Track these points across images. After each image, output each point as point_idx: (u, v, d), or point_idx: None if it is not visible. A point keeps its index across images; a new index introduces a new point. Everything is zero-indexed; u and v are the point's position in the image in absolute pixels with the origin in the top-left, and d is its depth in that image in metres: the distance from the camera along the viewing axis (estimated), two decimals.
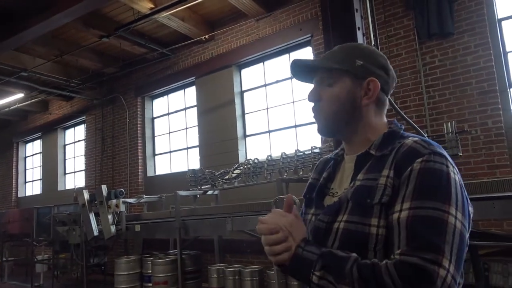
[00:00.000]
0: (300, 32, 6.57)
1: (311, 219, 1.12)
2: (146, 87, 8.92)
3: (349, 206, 1.00)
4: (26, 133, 12.54)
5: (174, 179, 7.94)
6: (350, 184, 1.04)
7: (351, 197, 1.00)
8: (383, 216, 0.94)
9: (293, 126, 6.86)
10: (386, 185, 0.95)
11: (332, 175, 1.17)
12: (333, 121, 1.10)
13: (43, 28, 6.05)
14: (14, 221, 9.55)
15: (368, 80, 1.08)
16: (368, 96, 1.08)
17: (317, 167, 1.28)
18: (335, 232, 1.00)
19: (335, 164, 1.19)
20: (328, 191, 1.14)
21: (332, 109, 1.09)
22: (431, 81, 5.31)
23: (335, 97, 1.08)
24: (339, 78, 1.08)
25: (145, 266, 5.85)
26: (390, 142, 1.04)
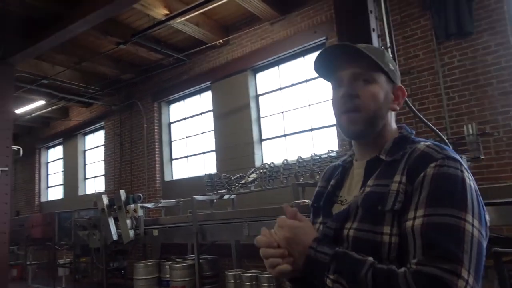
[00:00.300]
0: (314, 34, 6.52)
1: (318, 228, 1.07)
2: (163, 92, 9.02)
3: (359, 213, 0.96)
4: (48, 139, 12.85)
5: (191, 183, 7.99)
6: (360, 191, 1.01)
7: (361, 203, 0.97)
8: (396, 223, 0.90)
9: (309, 129, 6.82)
10: (398, 191, 0.92)
11: (340, 182, 1.13)
12: (372, 120, 1.03)
13: (62, 37, 6.17)
14: (37, 226, 9.79)
15: (399, 86, 1.08)
16: (398, 102, 1.08)
17: (325, 174, 1.23)
18: (346, 239, 0.96)
19: (344, 171, 1.15)
20: (336, 199, 1.10)
21: (374, 108, 1.02)
22: (450, 82, 5.18)
23: (376, 95, 1.03)
24: (379, 77, 1.04)
25: (163, 271, 5.89)
26: (401, 147, 1.01)
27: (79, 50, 7.81)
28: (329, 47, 1.06)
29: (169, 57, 8.21)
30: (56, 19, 5.93)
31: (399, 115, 4.55)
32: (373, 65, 1.02)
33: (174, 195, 7.68)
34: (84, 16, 5.61)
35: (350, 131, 1.05)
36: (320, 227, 1.07)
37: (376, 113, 1.03)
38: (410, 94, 5.36)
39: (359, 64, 1.03)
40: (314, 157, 5.01)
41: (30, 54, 6.81)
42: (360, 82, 1.03)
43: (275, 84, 7.35)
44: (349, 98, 1.03)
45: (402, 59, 5.48)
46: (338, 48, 1.06)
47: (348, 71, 1.04)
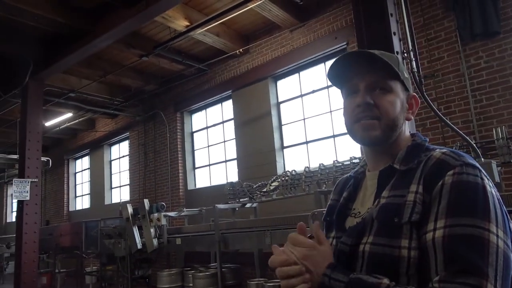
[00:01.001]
0: (335, 40, 6.47)
1: (332, 242, 1.03)
2: (185, 102, 9.14)
3: (374, 227, 0.92)
4: (75, 150, 13.24)
5: (213, 192, 8.02)
6: (374, 203, 0.96)
7: (376, 216, 0.92)
8: (414, 236, 0.86)
9: (331, 136, 6.73)
10: (415, 201, 0.87)
11: (353, 194, 1.09)
12: (391, 128, 0.99)
13: (88, 51, 6.39)
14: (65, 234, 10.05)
15: (413, 95, 1.06)
16: (413, 111, 1.05)
17: (337, 187, 1.19)
18: (361, 256, 0.91)
19: (356, 182, 1.11)
20: (349, 212, 1.06)
21: (393, 116, 0.99)
22: (477, 84, 5.01)
23: (394, 104, 0.99)
24: (395, 86, 1.01)
25: (186, 279, 5.90)
26: (415, 155, 0.97)
27: (104, 64, 8.04)
28: (345, 54, 1.02)
29: (191, 68, 8.33)
30: (82, 35, 6.14)
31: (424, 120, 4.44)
32: (390, 73, 0.99)
33: (197, 204, 7.73)
34: (107, 30, 5.80)
35: (367, 137, 1.00)
36: (333, 241, 1.03)
37: (395, 122, 0.99)
38: (435, 97, 5.22)
39: (376, 73, 0.99)
40: (337, 164, 4.93)
41: (58, 69, 7.08)
42: (377, 91, 0.99)
43: (296, 91, 7.32)
44: (367, 107, 0.98)
45: (426, 62, 5.35)
46: (354, 55, 1.02)
47: (365, 79, 1.00)
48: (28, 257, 6.54)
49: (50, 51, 6.75)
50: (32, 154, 6.88)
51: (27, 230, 6.59)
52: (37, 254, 6.90)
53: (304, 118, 7.15)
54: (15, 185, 6.58)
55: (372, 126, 0.98)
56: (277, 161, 7.19)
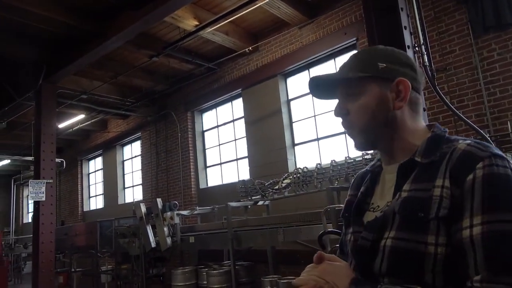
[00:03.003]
0: (344, 36, 6.44)
1: (350, 238, 1.02)
2: (195, 101, 9.19)
3: (396, 221, 0.88)
4: (88, 151, 13.42)
5: (225, 190, 8.05)
6: (395, 197, 0.93)
7: (399, 210, 0.88)
8: (442, 232, 0.82)
9: (343, 132, 6.70)
10: (442, 196, 0.83)
11: (370, 188, 1.06)
12: (368, 134, 0.99)
13: (99, 53, 6.46)
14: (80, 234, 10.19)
15: (397, 81, 0.97)
16: (400, 98, 0.97)
17: (354, 182, 1.17)
18: (382, 250, 0.88)
19: (373, 176, 1.08)
20: (367, 207, 1.04)
21: (364, 121, 0.99)
22: (490, 77, 4.94)
23: (365, 107, 0.98)
24: (365, 86, 0.99)
25: (201, 277, 5.95)
26: (436, 147, 0.93)
27: (115, 65, 8.12)
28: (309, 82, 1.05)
29: (200, 67, 8.37)
30: (92, 37, 6.21)
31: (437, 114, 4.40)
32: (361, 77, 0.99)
33: (209, 202, 7.77)
34: (117, 32, 5.85)
35: (356, 146, 1.04)
36: (351, 237, 1.01)
37: (370, 124, 0.98)
38: (448, 91, 5.16)
39: (345, 83, 1.02)
40: (348, 160, 4.91)
41: (70, 71, 7.17)
42: (350, 98, 1.01)
43: (306, 88, 7.27)
44: (341, 117, 1.03)
45: (438, 56, 5.29)
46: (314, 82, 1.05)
47: (340, 90, 1.04)
48: (45, 256, 6.66)
49: (62, 54, 6.84)
50: (47, 155, 7.00)
51: (44, 230, 6.71)
52: (54, 254, 7.03)
53: (315, 115, 7.13)
54: (31, 186, 6.71)
55: (352, 135, 1.03)
56: (288, 159, 7.19)
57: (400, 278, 0.85)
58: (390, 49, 1.04)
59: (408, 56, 1.04)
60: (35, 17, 5.83)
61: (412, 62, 1.03)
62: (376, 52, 1.04)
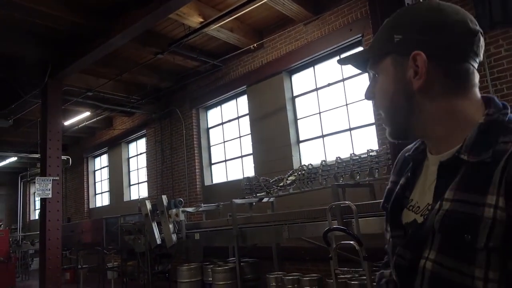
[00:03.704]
0: (350, 32, 6.40)
1: (388, 238, 0.89)
2: (200, 98, 9.20)
3: (437, 239, 0.72)
4: (94, 148, 13.49)
5: (230, 187, 8.06)
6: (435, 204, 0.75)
7: (440, 228, 0.71)
8: (493, 265, 0.65)
9: (348, 129, 6.68)
10: (495, 219, 0.65)
11: (411, 181, 0.88)
12: (394, 121, 0.84)
13: (104, 50, 6.48)
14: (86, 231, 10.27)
15: (412, 56, 0.78)
16: (419, 76, 0.78)
17: (397, 164, 0.98)
18: (422, 272, 0.75)
19: (415, 166, 0.89)
20: (406, 202, 0.87)
21: (385, 106, 0.84)
22: (497, 74, 4.89)
23: (383, 90, 0.84)
24: (384, 64, 0.83)
25: (206, 274, 5.98)
26: (490, 140, 0.71)
27: (120, 62, 8.13)
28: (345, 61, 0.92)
29: (205, 64, 8.36)
30: (98, 35, 6.24)
31: None
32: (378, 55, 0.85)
33: (214, 199, 7.79)
34: (122, 29, 5.86)
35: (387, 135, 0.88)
36: (390, 240, 0.88)
37: (392, 110, 0.83)
38: None
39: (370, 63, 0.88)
40: (354, 157, 4.89)
41: (76, 69, 7.20)
42: (374, 78, 0.88)
43: (311, 85, 7.27)
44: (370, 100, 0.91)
45: None
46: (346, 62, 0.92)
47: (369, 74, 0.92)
48: (51, 253, 6.72)
49: (68, 52, 6.87)
50: (53, 153, 7.05)
51: (50, 227, 6.77)
52: (60, 251, 7.09)
53: (320, 112, 7.11)
54: (38, 183, 6.76)
55: (384, 124, 0.88)
56: (293, 155, 7.18)
57: None
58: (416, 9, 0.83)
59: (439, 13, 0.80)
60: (41, 16, 5.85)
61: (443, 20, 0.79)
62: (396, 19, 0.84)
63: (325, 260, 4.04)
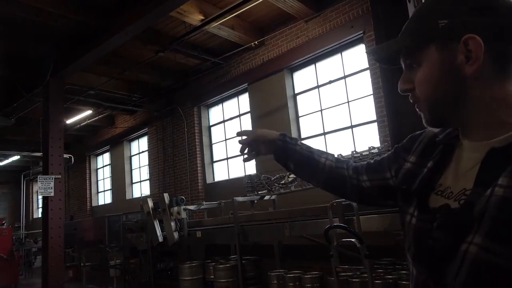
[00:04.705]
0: (351, 29, 6.38)
1: (410, 220, 0.86)
2: (202, 96, 9.19)
3: (486, 223, 0.69)
4: (96, 147, 13.53)
5: (232, 185, 8.07)
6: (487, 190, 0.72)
7: (496, 212, 0.68)
8: None
9: (349, 126, 6.66)
10: None
11: (441, 165, 0.86)
12: (435, 110, 0.82)
13: (105, 48, 6.47)
14: (89, 229, 10.33)
15: (464, 40, 0.75)
16: (473, 60, 0.75)
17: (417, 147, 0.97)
18: (462, 257, 0.71)
19: (446, 150, 0.87)
20: (434, 187, 0.84)
21: (428, 95, 0.82)
22: None
23: (426, 79, 0.81)
24: (426, 52, 0.80)
25: (208, 272, 5.98)
26: None
27: (121, 60, 8.14)
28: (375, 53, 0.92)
29: (206, 62, 8.36)
30: (99, 33, 6.23)
31: None
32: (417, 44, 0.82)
33: (216, 197, 7.79)
34: (123, 28, 5.86)
35: (427, 123, 0.86)
36: (414, 222, 0.85)
37: (436, 97, 0.81)
38: None
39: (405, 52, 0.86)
40: (355, 154, 4.88)
41: (77, 67, 7.20)
42: (411, 70, 0.85)
43: (313, 82, 7.25)
44: (408, 93, 0.87)
45: None
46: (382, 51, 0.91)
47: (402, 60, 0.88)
48: (54, 251, 6.74)
49: (69, 50, 6.88)
50: (55, 151, 7.06)
51: (53, 225, 6.79)
52: (63, 248, 7.11)
53: (321, 109, 7.10)
54: (40, 182, 6.78)
55: (421, 110, 0.85)
56: None
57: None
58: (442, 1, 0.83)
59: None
60: (43, 14, 5.86)
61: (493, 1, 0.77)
62: (437, 4, 0.82)
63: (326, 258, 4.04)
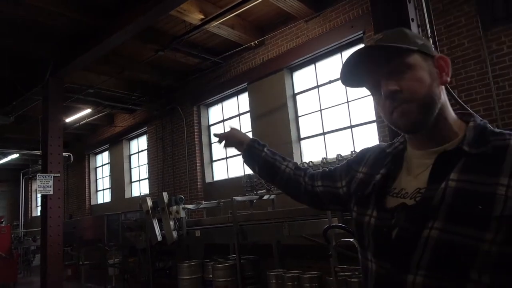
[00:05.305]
0: (351, 29, 6.37)
1: (369, 222, 0.98)
2: (201, 96, 9.19)
3: (443, 211, 0.83)
4: (95, 145, 13.51)
5: (231, 184, 8.07)
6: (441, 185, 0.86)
7: (451, 201, 0.83)
8: (503, 231, 0.78)
9: (349, 126, 6.66)
10: (508, 196, 0.79)
11: (393, 172, 1.00)
12: (427, 107, 0.91)
13: (105, 47, 6.46)
14: (88, 228, 10.32)
15: (438, 57, 0.95)
16: (446, 72, 0.95)
17: (368, 159, 1.12)
18: (424, 242, 0.84)
19: (396, 159, 1.02)
20: (389, 191, 0.98)
21: (422, 95, 0.91)
22: (499, 71, 4.87)
23: (420, 79, 0.91)
24: (413, 59, 0.92)
25: (206, 271, 5.98)
26: (485, 138, 0.88)
27: (121, 59, 8.13)
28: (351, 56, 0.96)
29: (206, 61, 8.35)
30: (99, 32, 6.22)
31: None
32: (402, 51, 0.92)
33: (215, 196, 7.79)
34: (123, 26, 5.85)
35: (405, 125, 0.93)
36: (373, 221, 0.97)
37: (429, 96, 0.91)
38: (456, 85, 5.09)
39: (388, 59, 0.93)
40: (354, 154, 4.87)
41: (77, 66, 7.19)
42: (397, 74, 0.92)
43: (312, 82, 7.25)
44: (394, 95, 0.92)
45: (446, 49, 5.22)
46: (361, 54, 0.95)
47: (382, 71, 0.94)
48: (53, 249, 6.73)
49: (69, 49, 6.87)
50: (54, 149, 7.05)
51: (52, 224, 6.78)
52: (62, 247, 7.10)
53: (321, 109, 7.09)
54: (39, 180, 6.77)
55: (408, 111, 0.91)
56: (294, 153, 7.17)
57: (441, 272, 0.82)
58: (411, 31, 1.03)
59: None
60: (43, 13, 5.85)
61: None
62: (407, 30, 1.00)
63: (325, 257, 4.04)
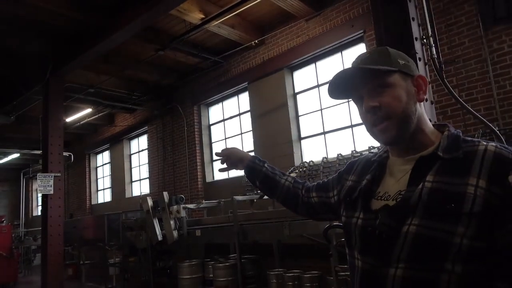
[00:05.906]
0: (352, 28, 6.36)
1: (357, 223, 1.07)
2: (202, 95, 9.18)
3: (420, 209, 0.93)
4: (96, 145, 13.51)
5: (231, 183, 8.06)
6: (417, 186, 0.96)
7: (427, 200, 0.93)
8: (472, 226, 0.87)
9: (349, 126, 6.66)
10: (476, 194, 0.88)
11: (378, 178, 1.11)
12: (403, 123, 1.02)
13: (105, 47, 6.46)
14: (88, 227, 10.32)
15: (417, 77, 1.06)
16: (423, 90, 1.05)
17: (354, 167, 1.24)
18: (404, 237, 0.93)
19: (380, 166, 1.13)
20: (374, 194, 1.08)
21: (400, 110, 1.01)
22: (500, 70, 4.86)
23: (398, 98, 1.02)
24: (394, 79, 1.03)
25: (207, 270, 5.98)
26: (458, 145, 0.99)
27: (121, 59, 8.12)
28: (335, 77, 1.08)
29: (207, 61, 8.34)
30: (99, 31, 6.22)
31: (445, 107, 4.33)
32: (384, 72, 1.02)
33: (215, 196, 7.78)
34: (124, 26, 5.84)
35: (385, 140, 1.05)
36: (359, 222, 1.06)
37: (405, 113, 1.02)
38: (456, 84, 5.08)
39: (371, 77, 1.03)
40: (355, 154, 4.88)
41: (77, 66, 7.18)
42: (377, 92, 1.03)
43: (313, 82, 7.24)
44: (374, 111, 1.03)
45: (446, 48, 5.21)
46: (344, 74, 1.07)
47: (364, 88, 1.05)
48: (53, 249, 6.73)
49: (69, 48, 6.86)
50: (55, 149, 7.05)
51: (52, 223, 6.78)
52: (62, 246, 7.10)
53: (321, 109, 7.09)
54: (40, 180, 6.77)
55: (386, 128, 1.02)
56: (294, 152, 7.17)
57: (419, 264, 0.90)
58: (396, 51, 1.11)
59: None
60: (42, 12, 5.84)
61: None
62: (392, 50, 1.08)
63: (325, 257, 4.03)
